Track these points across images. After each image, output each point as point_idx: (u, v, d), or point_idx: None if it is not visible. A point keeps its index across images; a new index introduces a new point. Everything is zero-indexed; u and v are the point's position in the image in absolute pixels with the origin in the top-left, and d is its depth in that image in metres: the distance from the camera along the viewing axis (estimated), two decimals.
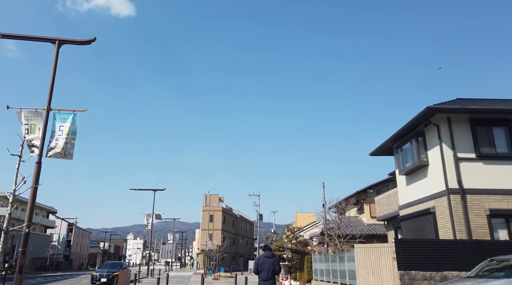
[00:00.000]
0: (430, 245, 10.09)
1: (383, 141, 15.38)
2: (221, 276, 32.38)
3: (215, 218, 58.81)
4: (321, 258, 17.37)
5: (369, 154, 16.36)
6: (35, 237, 61.61)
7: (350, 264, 13.55)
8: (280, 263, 9.38)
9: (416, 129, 13.04)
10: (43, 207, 67.03)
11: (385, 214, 17.45)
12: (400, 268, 9.92)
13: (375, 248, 12.41)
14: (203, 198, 62.00)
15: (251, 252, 74.90)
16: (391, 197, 16.77)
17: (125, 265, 27.65)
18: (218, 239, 54.88)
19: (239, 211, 71.84)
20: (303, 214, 58.94)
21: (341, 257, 14.60)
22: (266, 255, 8.41)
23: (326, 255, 16.79)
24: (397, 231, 17.14)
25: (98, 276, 24.37)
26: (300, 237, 29.76)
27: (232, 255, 62.89)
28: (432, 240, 10.65)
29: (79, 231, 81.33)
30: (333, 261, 15.45)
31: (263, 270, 8.18)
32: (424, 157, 12.70)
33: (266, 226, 79.24)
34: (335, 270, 15.22)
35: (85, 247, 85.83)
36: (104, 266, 26.71)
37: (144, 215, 34.25)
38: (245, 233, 74.17)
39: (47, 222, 66.87)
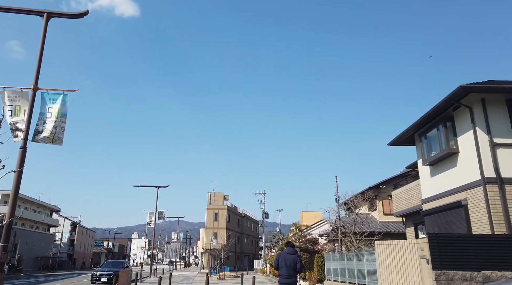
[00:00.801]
0: (469, 241, 8.82)
1: (404, 129, 14.13)
2: (227, 275, 31.25)
3: (220, 217, 57.69)
4: (335, 257, 16.13)
5: (388, 144, 15.10)
6: (38, 236, 60.92)
7: (370, 263, 12.32)
8: (302, 261, 8.65)
9: (443, 113, 11.78)
10: (47, 205, 66.34)
11: (403, 210, 16.17)
12: (435, 267, 8.68)
13: (399, 245, 11.16)
14: (207, 196, 60.93)
15: (256, 252, 73.74)
16: (411, 191, 15.50)
17: (127, 264, 26.57)
18: (222, 238, 53.78)
19: (244, 210, 70.72)
20: (308, 213, 57.73)
21: (359, 255, 13.37)
22: (288, 252, 8.04)
23: (341, 253, 15.56)
24: (417, 228, 15.88)
25: (98, 275, 23.35)
26: (308, 235, 28.51)
27: (237, 255, 61.75)
28: (471, 235, 9.37)
29: (83, 230, 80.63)
30: (350, 260, 14.22)
31: (284, 267, 7.83)
32: (453, 144, 11.42)
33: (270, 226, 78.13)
34: (351, 270, 13.99)
35: (89, 246, 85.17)
36: (105, 265, 25.68)
37: (146, 213, 33.16)
38: (250, 232, 73.02)
39: (50, 220, 66.23)
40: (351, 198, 16.67)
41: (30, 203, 60.68)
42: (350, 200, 16.53)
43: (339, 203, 19.28)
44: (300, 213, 58.92)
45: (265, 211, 50.74)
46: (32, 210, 61.39)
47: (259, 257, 61.09)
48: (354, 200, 16.58)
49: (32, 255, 58.43)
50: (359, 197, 16.93)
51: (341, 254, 15.42)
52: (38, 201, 63.11)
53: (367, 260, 12.58)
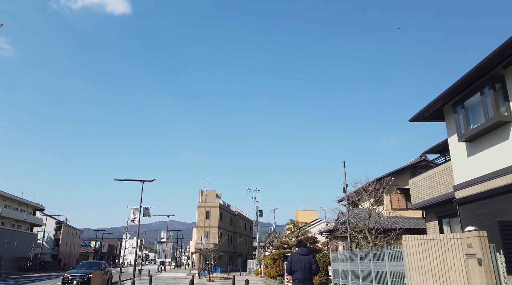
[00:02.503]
0: None
1: (430, 101, 11.60)
2: (217, 277, 28.55)
3: (212, 215, 54.91)
4: (344, 256, 13.56)
5: (409, 120, 12.54)
6: (19, 235, 57.60)
7: (395, 264, 9.74)
8: (318, 262, 7.54)
9: (490, 73, 9.23)
10: (29, 203, 62.91)
11: (425, 200, 13.64)
12: None
13: (437, 241, 8.59)
14: (199, 193, 58.09)
15: (250, 252, 71.10)
16: (436, 177, 12.97)
17: (105, 265, 23.71)
18: (214, 237, 51.02)
19: (237, 208, 68.00)
20: (304, 211, 55.43)
21: (378, 254, 10.78)
22: (301, 253, 7.17)
23: (352, 252, 12.96)
24: (442, 222, 13.36)
25: (70, 278, 20.56)
26: (307, 233, 25.97)
27: (229, 255, 59.02)
28: None
29: (69, 229, 77.24)
30: (365, 260, 11.64)
31: (298, 270, 6.95)
32: (505, 111, 8.89)
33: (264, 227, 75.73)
34: (367, 272, 11.41)
35: (76, 246, 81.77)
36: (80, 266, 22.83)
37: (130, 209, 30.13)
38: (243, 231, 70.33)
39: (33, 219, 62.86)
40: (364, 186, 14.03)
41: (11, 201, 57.30)
42: (363, 189, 13.92)
43: (347, 193, 16.70)
44: (295, 212, 56.56)
45: (259, 209, 47.95)
46: (13, 208, 58.00)
47: (253, 257, 58.50)
48: (367, 187, 13.96)
49: (13, 255, 55.17)
50: (372, 184, 14.30)
51: (353, 253, 12.83)
52: (20, 198, 59.73)
53: (390, 260, 9.99)
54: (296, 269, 6.99)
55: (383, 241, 12.96)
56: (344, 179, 16.77)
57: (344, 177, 16.75)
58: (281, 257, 25.71)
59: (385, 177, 19.76)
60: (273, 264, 26.38)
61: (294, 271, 7.03)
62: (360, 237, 13.26)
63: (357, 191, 14.65)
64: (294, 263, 7.07)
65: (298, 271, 6.96)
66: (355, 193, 14.64)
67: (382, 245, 11.91)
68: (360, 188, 14.09)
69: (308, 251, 7.30)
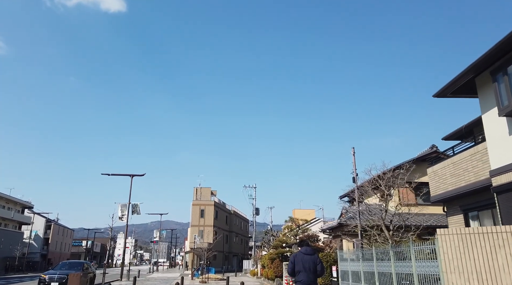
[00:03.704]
0: None
1: (458, 73, 9.81)
2: (211, 278, 26.64)
3: (207, 213, 52.98)
4: (355, 255, 11.73)
5: (433, 96, 10.75)
6: (6, 234, 55.27)
7: (424, 264, 7.91)
8: (323, 263, 6.86)
9: None
10: (17, 201, 60.65)
11: (448, 191, 11.82)
12: None
13: (485, 235, 6.77)
14: (193, 191, 56.12)
15: (245, 251, 69.24)
16: (462, 164, 11.15)
17: (88, 265, 21.73)
18: (209, 236, 49.12)
19: (233, 207, 66.09)
20: (301, 210, 53.77)
21: (400, 252, 8.95)
22: (305, 252, 6.60)
23: (365, 251, 11.12)
24: (468, 216, 11.57)
25: (47, 279, 18.62)
26: (308, 231, 24.14)
27: (225, 254, 57.11)
28: None
29: (59, 228, 74.91)
30: (382, 260, 9.81)
31: (302, 271, 6.38)
32: None
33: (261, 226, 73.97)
34: (386, 273, 9.59)
35: (67, 245, 79.45)
36: (60, 266, 20.83)
37: (118, 205, 28.22)
38: (239, 230, 68.43)
39: (21, 217, 60.57)
40: (380, 175, 12.09)
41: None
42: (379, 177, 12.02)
43: (357, 184, 14.80)
44: (293, 211, 54.87)
45: (256, 207, 46.07)
46: (0, 206, 55.75)
47: (249, 257, 56.61)
48: (382, 176, 12.07)
49: (0, 255, 52.93)
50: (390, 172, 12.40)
51: (366, 251, 10.99)
52: (8, 196, 57.44)
53: (418, 260, 8.17)
54: (300, 270, 6.42)
55: (401, 238, 11.14)
56: (354, 167, 14.91)
57: (353, 165, 14.89)
58: (280, 256, 23.88)
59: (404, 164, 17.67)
60: (270, 264, 24.55)
61: (297, 272, 6.45)
62: (376, 233, 11.41)
63: (371, 180, 12.75)
64: (297, 264, 6.49)
65: (302, 272, 6.39)
66: (369, 182, 12.74)
67: (402, 243, 10.07)
68: (375, 176, 12.18)
69: (313, 251, 6.72)
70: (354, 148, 15.07)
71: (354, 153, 15.02)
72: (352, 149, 15.08)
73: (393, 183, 12.00)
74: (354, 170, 14.89)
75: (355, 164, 14.84)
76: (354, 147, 15.07)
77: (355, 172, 14.86)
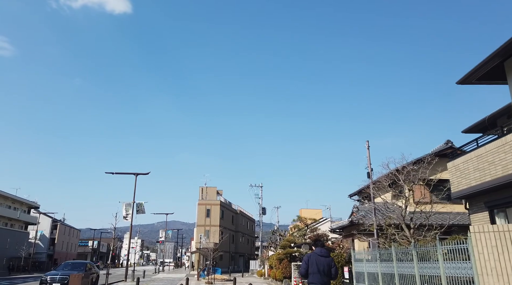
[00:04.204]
0: None
1: (485, 57, 9.00)
2: (217, 278, 25.96)
3: (213, 213, 52.33)
4: (371, 255, 10.94)
5: (457, 83, 9.95)
6: (12, 234, 55.14)
7: (454, 265, 7.11)
8: (336, 265, 6.71)
9: None
10: (23, 201, 60.53)
11: (471, 186, 10.99)
12: None
13: None
14: (199, 190, 55.52)
15: (252, 252, 68.52)
16: (488, 156, 10.31)
17: (91, 265, 21.15)
18: (215, 236, 48.49)
19: (239, 207, 65.39)
20: (308, 210, 53.04)
21: (423, 253, 8.16)
22: (320, 253, 6.25)
23: (384, 250, 10.33)
24: (493, 213, 10.73)
25: (48, 280, 18.06)
26: (317, 230, 23.35)
27: (231, 255, 56.44)
28: None
29: (65, 228, 74.80)
30: (404, 260, 9.02)
31: (315, 273, 6.07)
32: None
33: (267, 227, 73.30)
34: (408, 275, 8.80)
35: (73, 245, 79.36)
36: (62, 266, 20.28)
37: (122, 205, 27.67)
38: (245, 230, 67.70)
39: (27, 217, 60.50)
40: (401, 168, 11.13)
41: (3, 198, 54.94)
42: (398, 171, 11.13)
43: (372, 180, 13.91)
44: (299, 211, 54.13)
45: (263, 206, 45.27)
46: (6, 206, 55.62)
47: (256, 257, 55.89)
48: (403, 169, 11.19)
49: (5, 255, 52.79)
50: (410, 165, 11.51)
51: (384, 251, 10.20)
52: (14, 196, 57.31)
53: (447, 260, 7.37)
54: (313, 271, 6.17)
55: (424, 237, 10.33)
56: (368, 162, 14.03)
57: (368, 160, 14.05)
58: (288, 257, 23.10)
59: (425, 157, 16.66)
60: (278, 265, 23.78)
61: (310, 273, 6.21)
62: (395, 232, 10.59)
63: (388, 175, 11.88)
64: (311, 265, 6.23)
65: (315, 274, 6.14)
66: (386, 177, 11.86)
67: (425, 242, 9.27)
68: (393, 170, 11.29)
69: (328, 252, 6.45)
70: (368, 142, 14.22)
71: (369, 147, 14.16)
72: (366, 142, 14.23)
73: (414, 178, 11.14)
74: (369, 164, 14.05)
75: (369, 159, 14.01)
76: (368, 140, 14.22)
77: (370, 167, 14.03)
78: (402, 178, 10.87)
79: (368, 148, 14.17)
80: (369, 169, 14.00)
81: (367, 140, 14.16)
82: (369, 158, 14.11)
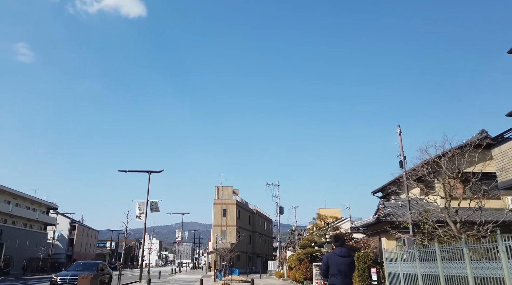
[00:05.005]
0: None
1: None
2: (234, 280, 24.88)
3: (229, 213, 51.38)
4: (409, 255, 9.58)
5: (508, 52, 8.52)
6: (31, 235, 55.63)
7: None
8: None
9: None
10: (42, 202, 61.06)
11: None
12: None
13: None
14: (214, 190, 54.72)
15: (270, 252, 67.28)
16: None
17: (103, 266, 20.39)
18: (232, 236, 47.49)
19: (256, 206, 64.25)
20: (326, 210, 51.59)
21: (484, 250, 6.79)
22: (341, 253, 5.80)
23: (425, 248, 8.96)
24: None
25: (58, 281, 17.37)
26: (339, 229, 21.97)
27: (248, 255, 55.35)
28: None
29: (84, 229, 75.33)
30: (451, 260, 7.66)
31: (337, 274, 5.70)
32: None
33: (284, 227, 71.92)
34: (456, 277, 7.44)
35: (92, 246, 79.91)
36: (74, 267, 19.62)
37: (136, 203, 26.94)
38: (263, 230, 66.51)
39: (46, 218, 61.00)
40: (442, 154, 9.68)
41: (22, 199, 55.43)
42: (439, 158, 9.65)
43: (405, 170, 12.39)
44: (317, 210, 52.71)
45: (280, 206, 43.98)
46: (25, 207, 56.13)
47: (273, 258, 54.65)
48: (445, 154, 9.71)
49: (25, 256, 53.23)
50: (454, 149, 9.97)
51: (425, 249, 8.84)
52: (32, 197, 57.85)
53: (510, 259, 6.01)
54: (333, 273, 5.83)
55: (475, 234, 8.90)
56: (401, 149, 12.55)
57: (400, 147, 12.56)
58: (308, 257, 21.83)
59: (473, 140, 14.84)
60: (298, 266, 22.52)
61: (331, 275, 5.87)
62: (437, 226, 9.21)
63: (428, 162, 10.37)
64: (331, 266, 5.87)
65: (337, 276, 5.79)
66: (426, 164, 10.36)
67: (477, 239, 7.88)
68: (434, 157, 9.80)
69: (349, 252, 6.06)
70: (399, 127, 12.75)
71: (400, 132, 12.71)
72: (397, 127, 12.76)
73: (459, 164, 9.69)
74: (401, 152, 12.56)
75: (401, 145, 12.51)
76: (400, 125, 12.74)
77: (402, 155, 12.56)
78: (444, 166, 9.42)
79: (399, 134, 12.69)
80: (402, 157, 12.53)
81: (398, 125, 12.74)
82: (401, 145, 12.62)
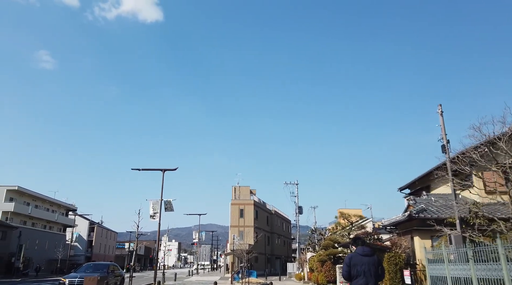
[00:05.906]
0: None
1: None
2: (252, 282, 23.57)
3: (246, 213, 50.12)
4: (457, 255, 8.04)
5: None
6: (50, 236, 55.91)
7: None
8: (382, 264, 6.01)
9: None
10: (61, 204, 61.50)
11: None
12: None
13: None
14: (231, 190, 53.61)
15: (289, 254, 65.65)
16: None
17: (114, 267, 19.44)
18: (250, 237, 46.22)
19: (274, 207, 62.78)
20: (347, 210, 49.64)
21: None
22: (363, 253, 5.58)
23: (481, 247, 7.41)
24: None
25: (67, 283, 16.46)
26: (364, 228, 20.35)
27: (267, 257, 53.91)
28: None
29: (102, 230, 75.61)
30: None
31: (360, 275, 5.43)
32: None
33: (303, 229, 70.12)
34: None
35: (110, 248, 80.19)
36: (84, 268, 18.75)
37: (150, 202, 25.95)
38: (281, 231, 64.96)
39: (65, 220, 61.36)
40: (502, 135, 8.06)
41: (41, 201, 55.84)
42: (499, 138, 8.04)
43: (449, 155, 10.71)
44: (338, 211, 50.89)
45: (298, 205, 42.41)
46: (44, 208, 56.54)
47: (293, 259, 53.05)
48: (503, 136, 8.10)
49: (45, 257, 53.52)
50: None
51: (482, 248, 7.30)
52: (51, 199, 58.25)
53: None
54: (358, 273, 5.45)
55: None
56: (443, 132, 10.85)
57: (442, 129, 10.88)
58: (331, 258, 20.31)
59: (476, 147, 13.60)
60: (320, 267, 21.02)
61: (354, 276, 5.48)
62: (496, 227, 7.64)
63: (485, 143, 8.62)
64: (353, 266, 5.50)
65: (360, 277, 5.41)
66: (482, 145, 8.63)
67: None
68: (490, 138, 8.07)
69: (372, 251, 5.69)
70: (441, 106, 11.04)
71: (442, 112, 11.04)
72: (438, 106, 11.06)
73: None
74: (444, 135, 10.85)
75: (443, 128, 10.81)
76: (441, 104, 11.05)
77: (445, 138, 10.86)
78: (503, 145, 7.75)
79: (441, 114, 11.00)
80: (444, 141, 10.82)
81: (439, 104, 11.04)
82: (443, 126, 10.89)
